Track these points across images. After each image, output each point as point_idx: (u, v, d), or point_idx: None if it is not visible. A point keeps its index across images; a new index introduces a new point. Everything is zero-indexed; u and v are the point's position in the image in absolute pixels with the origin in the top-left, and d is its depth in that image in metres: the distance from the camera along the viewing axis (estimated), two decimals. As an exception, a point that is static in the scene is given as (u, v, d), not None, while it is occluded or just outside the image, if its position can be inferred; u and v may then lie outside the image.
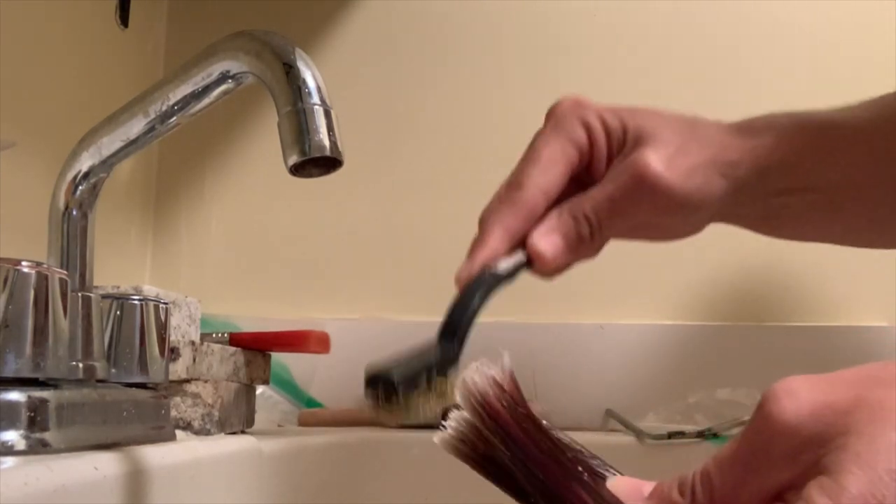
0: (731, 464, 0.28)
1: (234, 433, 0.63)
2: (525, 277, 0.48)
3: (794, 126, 0.52)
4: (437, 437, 0.31)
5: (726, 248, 0.92)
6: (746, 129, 0.52)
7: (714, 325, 0.90)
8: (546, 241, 0.48)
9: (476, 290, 0.44)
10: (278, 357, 0.84)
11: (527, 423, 0.30)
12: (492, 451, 0.30)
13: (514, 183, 0.49)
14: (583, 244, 0.49)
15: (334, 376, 0.93)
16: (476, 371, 0.30)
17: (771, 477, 0.27)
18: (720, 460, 0.29)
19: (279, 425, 0.89)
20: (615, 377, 0.88)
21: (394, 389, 0.38)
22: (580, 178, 0.51)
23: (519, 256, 0.48)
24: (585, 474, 0.30)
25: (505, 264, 0.47)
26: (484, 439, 0.30)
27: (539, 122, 0.51)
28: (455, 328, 0.42)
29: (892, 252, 0.68)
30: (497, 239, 0.47)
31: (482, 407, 0.30)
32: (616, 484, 0.30)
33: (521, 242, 0.48)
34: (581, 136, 0.50)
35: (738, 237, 0.91)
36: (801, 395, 0.28)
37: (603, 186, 0.49)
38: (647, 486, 0.30)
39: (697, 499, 0.29)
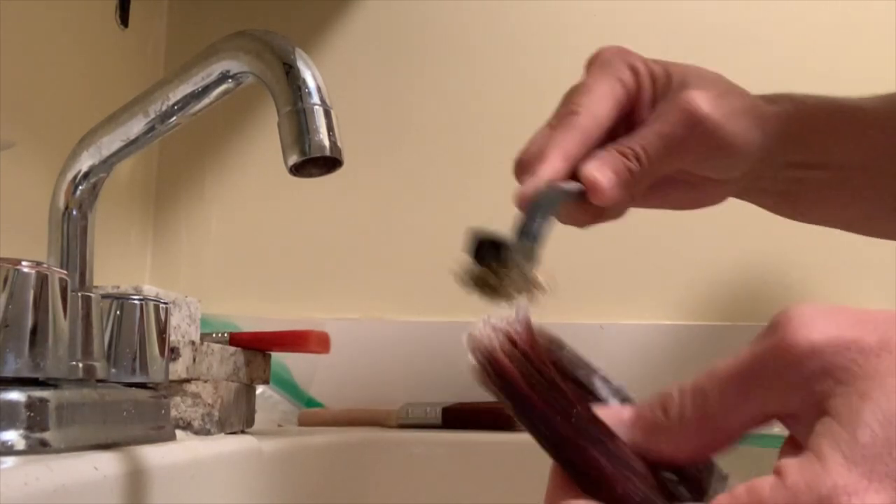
0: (732, 382, 0.26)
1: (234, 433, 0.63)
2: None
3: (814, 103, 0.53)
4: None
5: (726, 247, 0.92)
6: (768, 97, 0.53)
7: (714, 325, 0.90)
8: (602, 172, 0.46)
9: (546, 201, 0.43)
10: (278, 357, 0.84)
11: (537, 377, 0.28)
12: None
13: (568, 111, 0.48)
14: (633, 181, 0.48)
15: (334, 376, 0.93)
16: (484, 325, 0.29)
17: (774, 401, 0.26)
18: (718, 377, 0.27)
19: (279, 425, 0.89)
20: (615, 377, 0.88)
21: (502, 258, 0.36)
22: (626, 119, 0.50)
23: (576, 185, 0.46)
24: (599, 430, 0.28)
25: (568, 186, 0.46)
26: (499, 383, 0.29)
27: (538, 121, 0.51)
28: (529, 234, 0.40)
29: (894, 252, 0.68)
30: (558, 160, 0.46)
31: (489, 363, 0.28)
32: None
33: (574, 170, 0.47)
34: (628, 77, 0.50)
35: (738, 237, 0.91)
36: (822, 322, 0.25)
37: (651, 125, 0.49)
38: (626, 412, 0.29)
39: (687, 416, 0.27)
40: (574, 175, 0.47)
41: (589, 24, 0.98)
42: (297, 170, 0.41)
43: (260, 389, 0.77)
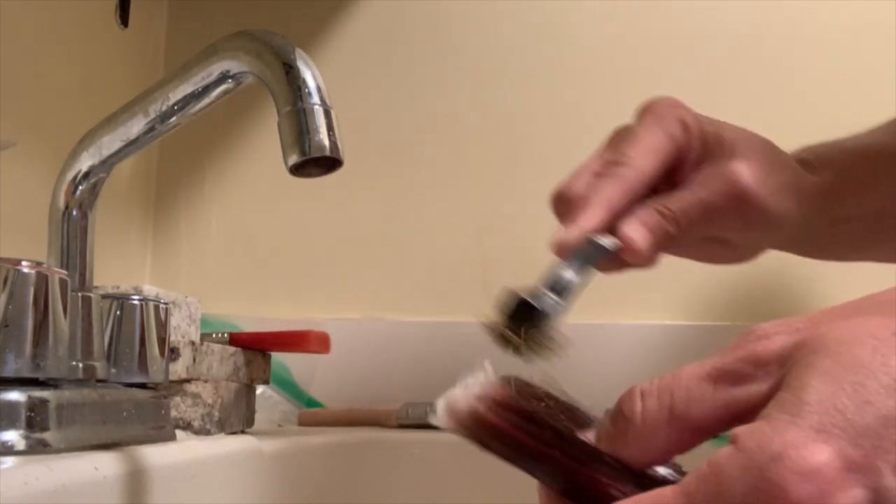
0: (696, 378, 0.28)
1: (234, 433, 0.63)
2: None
3: (843, 158, 0.54)
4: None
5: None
6: (808, 164, 0.53)
7: (714, 325, 0.90)
8: (638, 232, 0.47)
9: (583, 257, 0.43)
10: (278, 357, 0.84)
11: (521, 422, 0.29)
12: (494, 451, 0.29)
13: (616, 161, 0.48)
14: (668, 242, 0.49)
15: (334, 376, 0.93)
16: (458, 392, 0.29)
17: (738, 396, 0.27)
18: (683, 375, 0.28)
19: (279, 425, 0.89)
20: (615, 377, 0.88)
21: (538, 324, 0.37)
22: (670, 175, 0.51)
23: (613, 240, 0.46)
24: (589, 452, 0.29)
25: (606, 241, 0.46)
26: (484, 445, 0.29)
27: (537, 121, 0.51)
28: (560, 290, 0.40)
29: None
30: (599, 209, 0.46)
31: (473, 423, 0.29)
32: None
33: (615, 221, 0.47)
34: (679, 133, 0.50)
35: (738, 237, 0.91)
36: (779, 322, 0.27)
37: (693, 190, 0.50)
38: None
39: (651, 415, 0.28)
40: (612, 227, 0.47)
41: (590, 24, 0.98)
42: (297, 170, 0.41)
43: (260, 389, 0.77)
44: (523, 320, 0.39)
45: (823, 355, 0.25)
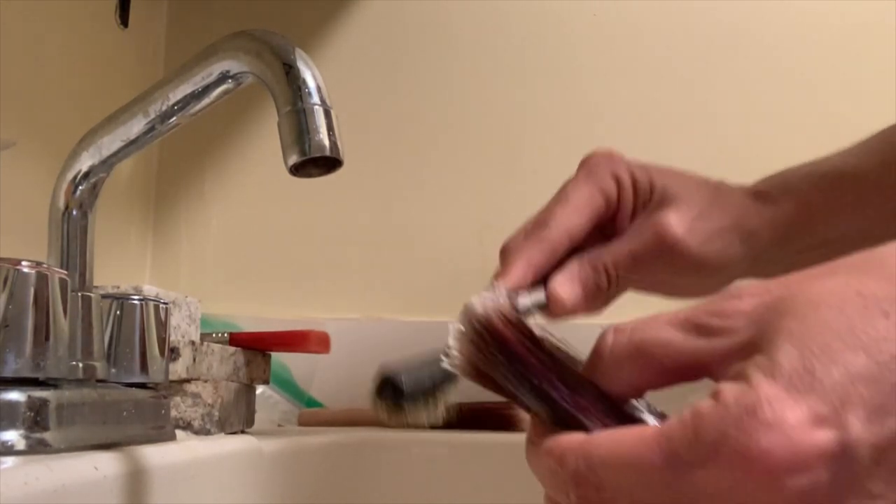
0: (669, 322, 0.29)
1: (234, 433, 0.63)
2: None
3: (809, 185, 0.54)
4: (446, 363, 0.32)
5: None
6: (765, 195, 0.54)
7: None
8: (566, 287, 0.50)
9: None
10: (278, 357, 0.84)
11: (529, 343, 0.31)
12: (494, 369, 0.31)
13: (541, 222, 0.51)
14: (599, 294, 0.51)
15: (334, 376, 0.93)
16: (479, 298, 0.32)
17: (705, 343, 0.29)
18: (657, 319, 0.30)
19: (279, 425, 0.89)
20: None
21: (401, 396, 0.39)
22: (604, 228, 0.53)
23: (538, 295, 0.49)
24: (585, 383, 0.31)
25: (524, 300, 0.48)
26: (487, 359, 0.31)
27: (536, 121, 0.52)
28: None
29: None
30: (520, 271, 0.49)
31: (486, 330, 0.31)
32: None
33: (540, 279, 0.50)
34: (611, 187, 0.52)
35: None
36: (755, 283, 0.29)
37: (624, 242, 0.52)
38: None
39: (619, 350, 0.30)
40: (542, 283, 0.50)
41: (590, 23, 0.98)
42: (297, 170, 0.41)
43: (260, 389, 0.77)
44: (392, 394, 0.41)
45: (792, 317, 0.27)
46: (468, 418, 0.83)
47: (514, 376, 0.31)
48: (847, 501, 0.25)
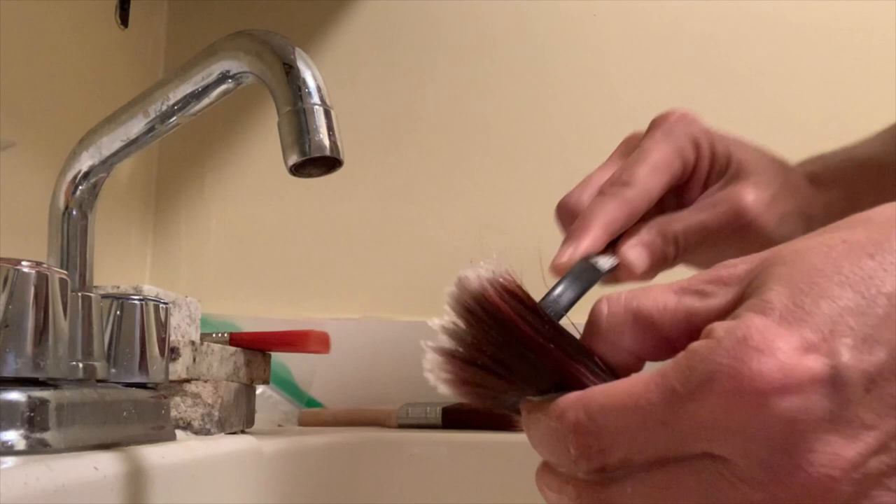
0: (664, 290, 0.30)
1: (234, 433, 0.63)
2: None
3: (856, 172, 0.53)
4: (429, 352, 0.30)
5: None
6: (818, 180, 0.53)
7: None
8: (637, 252, 0.48)
9: (578, 279, 0.44)
10: (278, 357, 0.84)
11: (528, 314, 0.30)
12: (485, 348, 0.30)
13: (621, 180, 0.48)
14: (664, 263, 0.49)
15: (334, 376, 0.93)
16: (471, 273, 0.31)
17: (700, 304, 0.29)
18: (652, 288, 0.30)
19: (279, 425, 0.89)
20: (615, 377, 0.88)
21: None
22: (665, 195, 0.50)
23: (612, 259, 0.47)
24: (583, 350, 0.30)
25: (603, 262, 0.46)
26: (480, 337, 0.30)
27: (536, 121, 0.51)
28: (554, 312, 0.41)
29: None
30: (600, 231, 0.47)
31: (481, 306, 0.30)
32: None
33: (616, 238, 0.48)
34: (690, 151, 0.50)
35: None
36: (751, 255, 0.30)
37: (697, 212, 0.49)
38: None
39: (618, 319, 0.30)
40: (612, 243, 0.48)
41: (591, 23, 0.98)
42: (297, 170, 0.41)
43: (260, 389, 0.77)
44: None
45: (780, 264, 0.28)
46: (467, 418, 0.83)
47: (510, 350, 0.30)
48: (840, 428, 0.25)
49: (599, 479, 0.28)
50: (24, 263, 0.39)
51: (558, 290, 0.42)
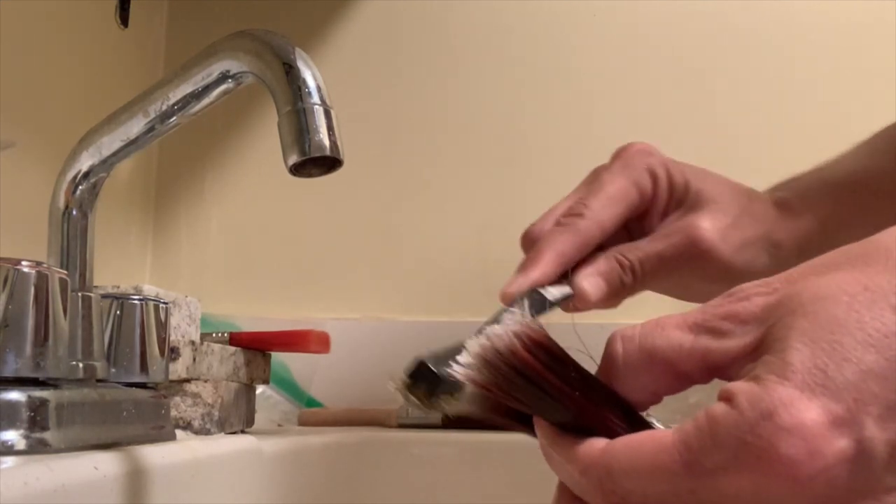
0: (678, 326, 0.30)
1: (234, 433, 0.63)
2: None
3: (826, 196, 0.53)
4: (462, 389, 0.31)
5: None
6: (787, 206, 0.53)
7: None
8: (592, 281, 0.48)
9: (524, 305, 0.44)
10: (278, 357, 0.84)
11: (555, 364, 0.30)
12: (509, 392, 0.30)
13: (575, 212, 0.50)
14: (622, 291, 0.50)
15: (334, 376, 0.93)
16: (499, 328, 0.30)
17: (718, 348, 0.29)
18: (664, 322, 0.30)
19: (279, 425, 0.89)
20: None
21: (435, 385, 0.38)
22: (631, 224, 0.51)
23: (565, 289, 0.48)
24: (619, 397, 0.31)
25: (554, 291, 0.47)
26: (503, 383, 0.30)
27: (536, 121, 0.51)
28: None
29: None
30: (550, 262, 0.48)
31: (508, 362, 0.30)
32: None
33: (567, 272, 0.49)
34: (646, 182, 0.51)
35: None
36: (759, 282, 0.29)
37: (654, 241, 0.50)
38: None
39: (632, 358, 0.30)
40: (567, 273, 0.48)
41: (590, 24, 0.98)
42: (297, 170, 0.41)
43: (260, 389, 0.77)
44: (424, 383, 0.40)
45: (801, 315, 0.27)
46: (468, 418, 0.83)
47: (535, 399, 0.30)
48: (864, 497, 0.25)
49: None
50: (24, 263, 0.39)
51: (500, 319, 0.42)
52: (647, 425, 0.30)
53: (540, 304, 0.46)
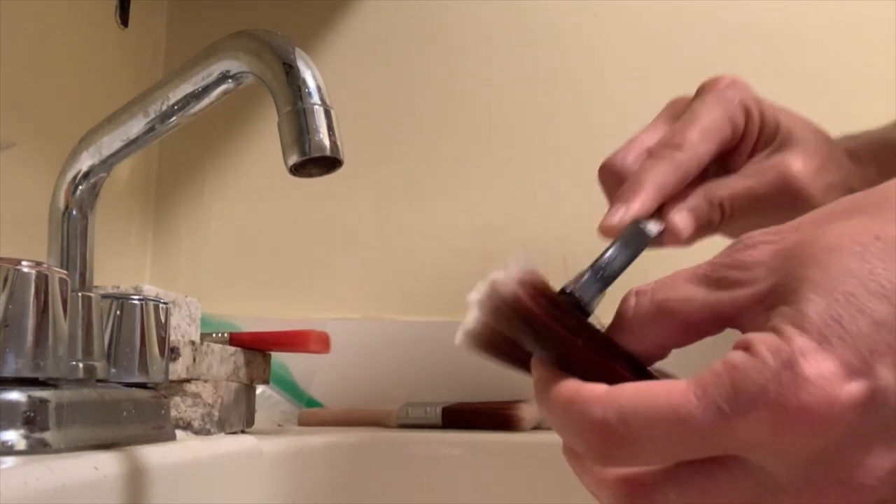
0: (687, 278, 0.30)
1: (234, 433, 0.63)
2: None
3: (886, 153, 0.53)
4: (460, 334, 0.31)
5: (723, 246, 0.92)
6: (855, 156, 0.53)
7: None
8: (683, 217, 0.47)
9: (629, 243, 0.43)
10: (278, 357, 0.84)
11: (557, 311, 0.30)
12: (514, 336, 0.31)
13: (672, 143, 0.48)
14: (708, 229, 0.49)
15: (334, 376, 0.93)
16: (501, 276, 0.31)
17: (728, 299, 0.29)
18: (676, 276, 0.30)
19: (279, 425, 0.89)
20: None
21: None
22: (722, 157, 0.50)
23: (658, 224, 0.47)
24: (609, 344, 0.31)
25: (651, 226, 0.46)
26: (509, 329, 0.31)
27: (536, 121, 0.51)
28: (605, 276, 0.40)
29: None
30: (651, 193, 0.46)
31: (513, 309, 0.30)
32: None
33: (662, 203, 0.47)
34: (740, 117, 0.49)
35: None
36: (767, 230, 0.30)
37: (745, 178, 0.49)
38: None
39: (643, 309, 0.31)
40: (659, 207, 0.47)
41: (591, 23, 0.98)
42: (298, 170, 0.41)
43: (260, 389, 0.77)
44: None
45: (814, 265, 0.27)
46: (467, 418, 0.83)
47: (538, 345, 0.30)
48: (876, 444, 0.26)
49: (640, 486, 0.29)
50: (24, 263, 0.39)
51: (610, 253, 0.41)
52: (652, 377, 0.30)
53: (641, 239, 0.44)
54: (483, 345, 0.31)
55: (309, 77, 0.41)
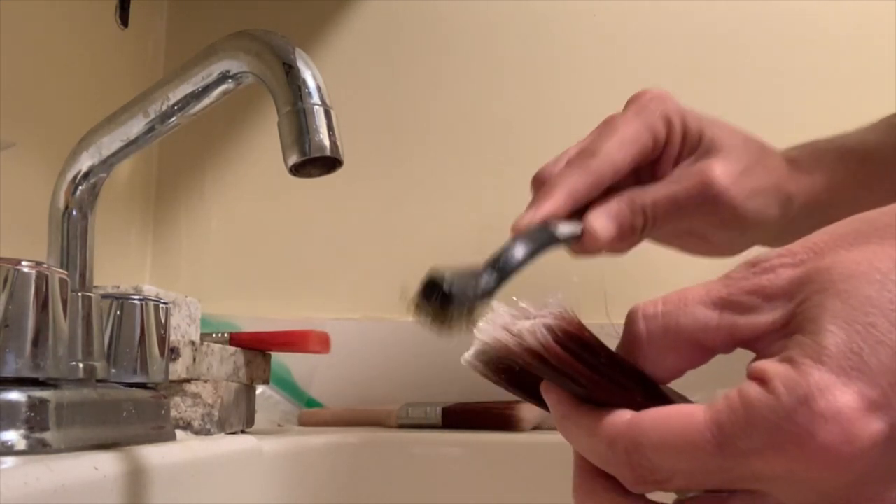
0: (701, 301, 0.29)
1: (234, 433, 0.63)
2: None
3: (836, 160, 0.54)
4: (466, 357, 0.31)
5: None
6: (797, 164, 0.54)
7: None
8: (602, 221, 0.48)
9: (532, 239, 0.44)
10: (278, 357, 0.84)
11: (584, 352, 0.30)
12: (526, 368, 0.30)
13: (588, 151, 0.50)
14: (632, 235, 0.50)
15: (334, 376, 0.93)
16: (536, 319, 0.29)
17: (745, 323, 0.28)
18: (686, 298, 0.30)
19: (279, 425, 0.89)
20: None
21: (449, 300, 0.37)
22: (643, 169, 0.51)
23: (575, 227, 0.48)
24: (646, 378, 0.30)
25: (563, 228, 0.47)
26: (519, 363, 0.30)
27: (536, 121, 0.51)
28: (502, 267, 0.41)
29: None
30: (562, 198, 0.48)
31: (536, 354, 0.29)
32: None
33: (579, 210, 0.48)
34: (660, 128, 0.51)
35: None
36: (782, 252, 0.29)
37: (666, 185, 0.50)
38: None
39: (656, 333, 0.30)
40: (581, 212, 0.48)
41: (590, 24, 0.98)
42: (297, 170, 0.41)
43: (260, 389, 0.77)
44: (437, 300, 0.40)
45: (833, 295, 0.26)
46: (467, 418, 0.83)
47: (555, 379, 0.30)
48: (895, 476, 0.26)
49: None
50: (24, 263, 0.39)
51: (513, 251, 0.42)
52: (668, 400, 0.30)
53: (548, 239, 0.46)
54: (489, 370, 0.31)
55: (309, 77, 0.41)
